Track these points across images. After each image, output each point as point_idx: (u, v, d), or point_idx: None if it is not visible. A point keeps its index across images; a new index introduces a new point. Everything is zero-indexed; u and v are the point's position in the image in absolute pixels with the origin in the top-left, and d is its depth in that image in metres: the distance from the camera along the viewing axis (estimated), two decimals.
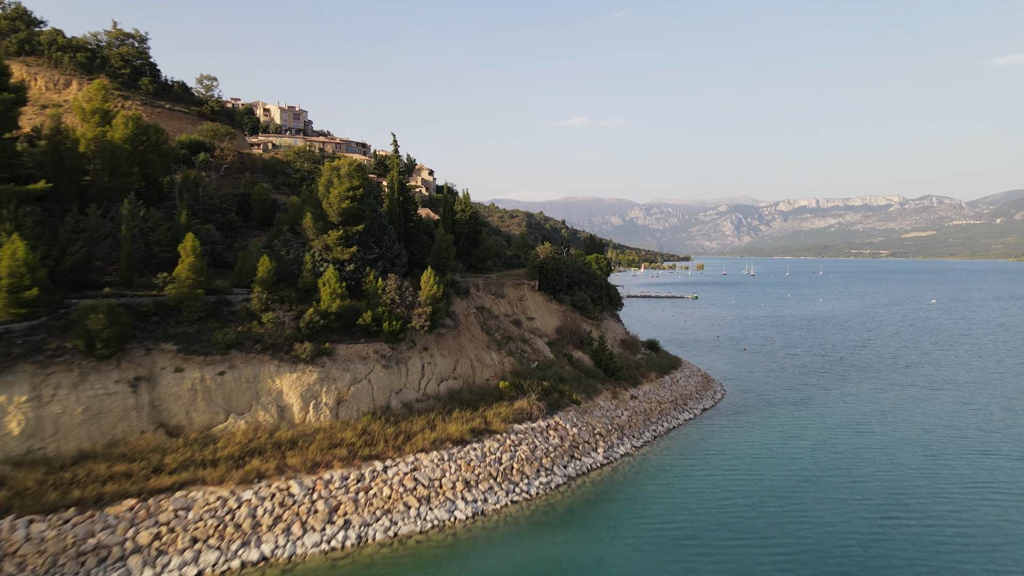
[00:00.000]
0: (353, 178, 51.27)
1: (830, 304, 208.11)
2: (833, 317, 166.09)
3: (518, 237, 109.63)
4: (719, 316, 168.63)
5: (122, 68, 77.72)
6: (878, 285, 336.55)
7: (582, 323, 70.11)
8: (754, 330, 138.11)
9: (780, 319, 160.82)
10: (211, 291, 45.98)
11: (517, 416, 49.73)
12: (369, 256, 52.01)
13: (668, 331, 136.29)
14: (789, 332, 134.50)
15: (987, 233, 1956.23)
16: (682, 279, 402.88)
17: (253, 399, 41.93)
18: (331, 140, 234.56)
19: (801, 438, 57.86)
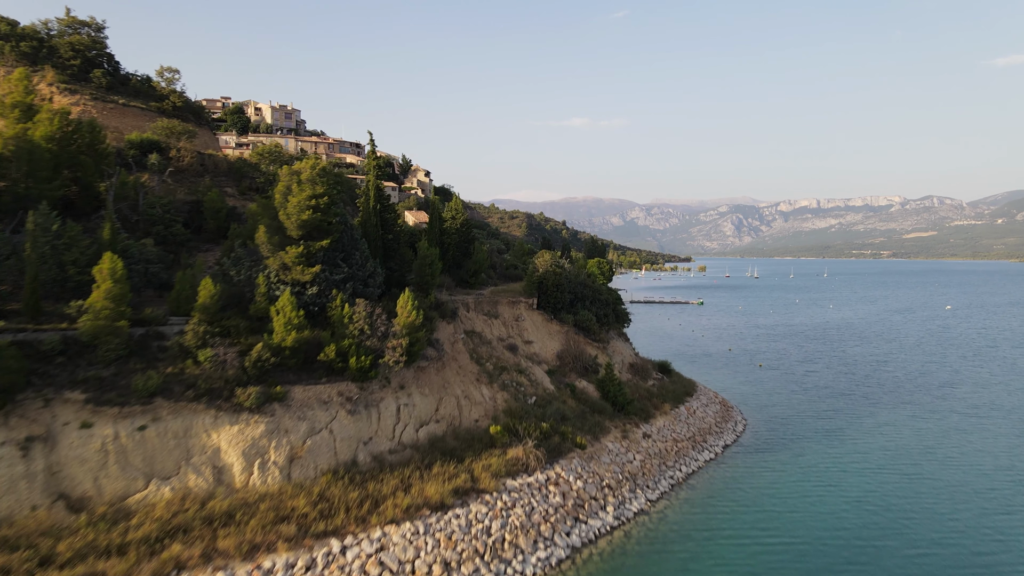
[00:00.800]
0: (317, 184, 43.16)
1: (841, 311, 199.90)
2: (847, 326, 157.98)
3: (516, 244, 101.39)
4: (728, 325, 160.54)
5: (72, 59, 69.61)
6: (886, 289, 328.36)
7: (586, 346, 62.05)
8: (767, 342, 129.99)
9: (792, 328, 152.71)
10: (139, 322, 37.91)
11: (511, 468, 41.66)
12: (336, 276, 43.88)
13: (676, 343, 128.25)
14: (804, 344, 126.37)
15: (988, 234, 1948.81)
16: (685, 282, 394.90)
17: (182, 459, 33.88)
18: (324, 140, 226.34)
19: (841, 486, 49.76)
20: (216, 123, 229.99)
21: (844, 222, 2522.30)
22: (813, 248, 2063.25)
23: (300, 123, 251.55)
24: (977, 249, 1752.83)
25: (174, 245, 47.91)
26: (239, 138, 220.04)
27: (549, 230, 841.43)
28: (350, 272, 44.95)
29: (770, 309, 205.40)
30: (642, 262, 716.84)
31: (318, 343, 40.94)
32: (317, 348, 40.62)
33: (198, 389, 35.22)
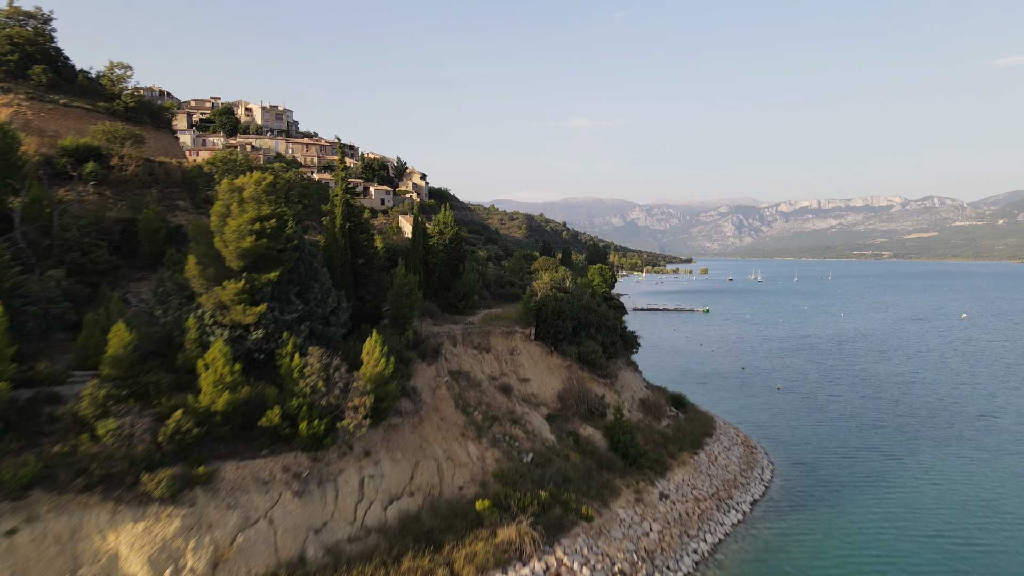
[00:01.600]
0: (263, 203, 35.05)
1: (853, 319, 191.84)
2: (862, 338, 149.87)
3: (514, 256, 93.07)
4: (736, 336, 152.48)
5: (9, 54, 61.56)
6: (894, 293, 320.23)
7: (591, 384, 53.98)
8: (781, 357, 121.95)
9: (805, 341, 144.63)
10: (26, 382, 29.86)
11: (501, 556, 33.59)
12: (287, 316, 35.76)
13: (683, 359, 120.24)
14: (821, 360, 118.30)
15: (989, 234, 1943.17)
16: (687, 285, 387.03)
17: (67, 572, 25.82)
18: (316, 142, 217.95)
19: (896, 558, 41.69)
20: (204, 124, 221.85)
21: (845, 223, 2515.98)
22: (814, 249, 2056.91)
23: (292, 124, 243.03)
24: (978, 250, 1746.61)
25: (95, 275, 39.75)
26: (229, 139, 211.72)
27: (549, 231, 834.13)
28: (306, 310, 36.82)
29: (779, 317, 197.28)
30: (643, 264, 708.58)
31: (261, 402, 32.88)
32: (260, 409, 32.56)
33: (91, 476, 27.08)
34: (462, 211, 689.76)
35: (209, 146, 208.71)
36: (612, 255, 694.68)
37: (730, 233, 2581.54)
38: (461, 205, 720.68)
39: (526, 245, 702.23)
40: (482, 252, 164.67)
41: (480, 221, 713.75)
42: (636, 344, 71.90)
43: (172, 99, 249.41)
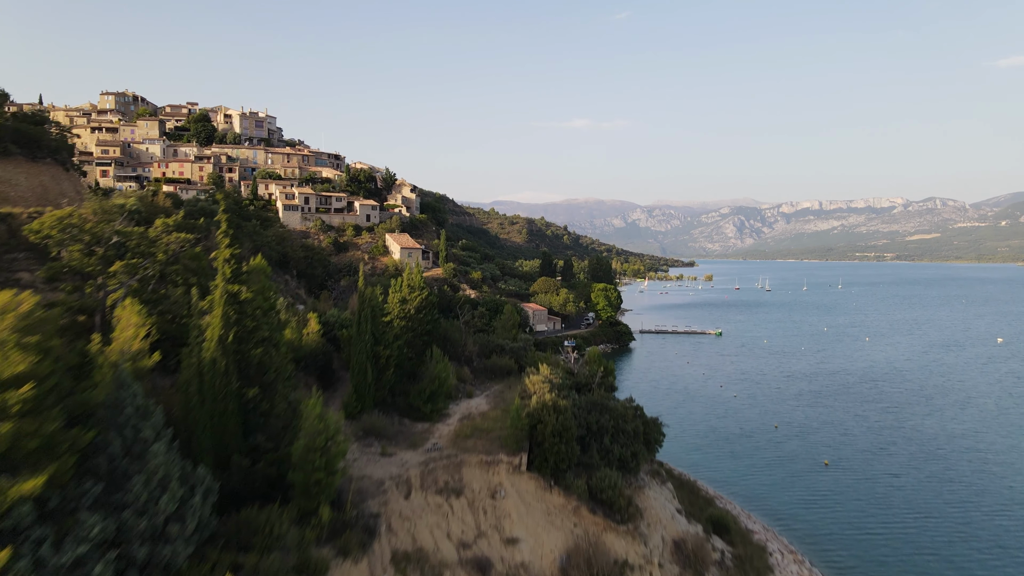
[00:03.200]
0: (18, 352, 19.16)
1: (879, 345, 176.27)
2: (898, 375, 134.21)
3: (505, 312, 76.71)
4: (757, 372, 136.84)
5: None
6: (912, 307, 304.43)
7: (606, 535, 38.14)
8: (814, 406, 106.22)
9: (835, 379, 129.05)
10: None
11: None
12: (63, 558, 19.99)
13: (702, 408, 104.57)
14: (864, 413, 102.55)
15: (992, 236, 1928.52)
16: (693, 296, 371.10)
17: None
18: (298, 152, 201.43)
19: None
20: (179, 132, 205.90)
21: (847, 224, 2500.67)
22: (816, 250, 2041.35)
23: (273, 132, 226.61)
24: (982, 252, 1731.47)
25: None
26: (204, 149, 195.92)
27: (550, 236, 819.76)
28: (112, 529, 20.97)
29: (798, 342, 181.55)
30: (645, 270, 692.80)
31: None
32: None
33: None
34: (460, 216, 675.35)
35: (180, 157, 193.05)
36: (614, 261, 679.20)
37: (731, 234, 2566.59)
38: (459, 210, 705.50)
39: (526, 250, 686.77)
40: (470, 292, 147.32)
41: (479, 226, 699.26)
42: (661, 437, 55.82)
43: (146, 105, 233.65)
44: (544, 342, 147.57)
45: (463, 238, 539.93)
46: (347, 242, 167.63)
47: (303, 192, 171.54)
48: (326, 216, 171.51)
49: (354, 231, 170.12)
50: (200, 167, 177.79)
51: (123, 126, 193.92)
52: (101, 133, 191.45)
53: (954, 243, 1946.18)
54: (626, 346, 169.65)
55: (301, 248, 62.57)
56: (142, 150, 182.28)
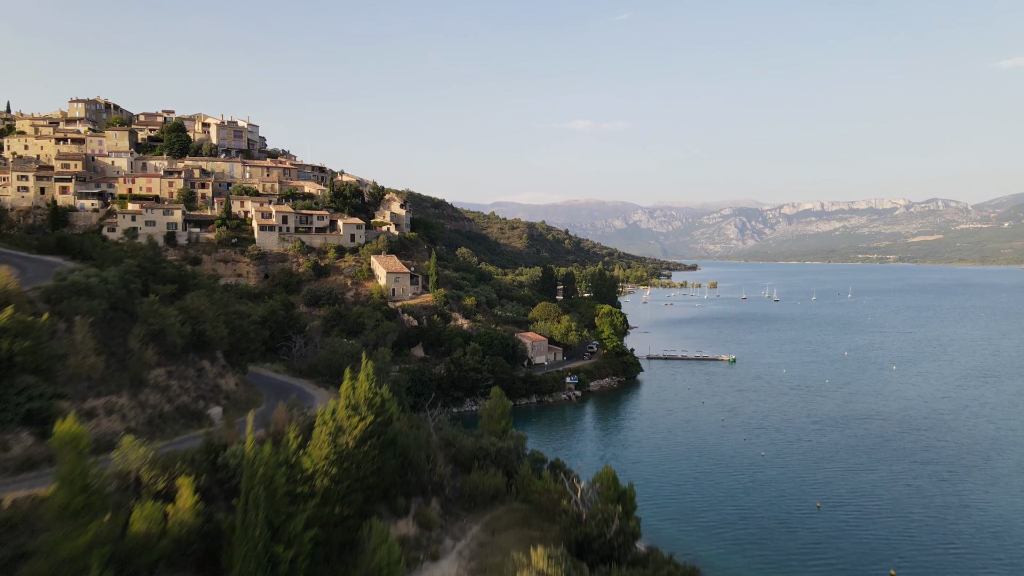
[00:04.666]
0: None
1: (909, 377, 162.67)
2: (938, 419, 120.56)
3: (492, 398, 62.04)
4: (780, 414, 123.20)
5: None
6: (931, 322, 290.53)
7: None
8: (855, 470, 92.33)
9: (870, 427, 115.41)
10: None
11: None
12: None
13: (725, 470, 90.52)
14: (917, 482, 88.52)
15: (995, 237, 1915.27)
16: (700, 309, 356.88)
17: None
18: (278, 164, 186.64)
19: None
20: (153, 142, 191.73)
21: (848, 225, 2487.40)
22: (818, 252, 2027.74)
23: (255, 142, 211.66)
24: (985, 254, 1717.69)
25: None
26: (176, 162, 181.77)
27: (551, 240, 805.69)
28: None
29: (820, 372, 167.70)
30: (648, 275, 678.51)
31: None
32: None
33: None
34: (459, 222, 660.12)
35: (149, 171, 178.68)
36: (616, 267, 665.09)
37: (733, 235, 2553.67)
38: (458, 215, 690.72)
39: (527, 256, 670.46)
40: (462, 322, 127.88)
41: (478, 232, 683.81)
42: None
43: (119, 113, 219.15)
44: (544, 379, 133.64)
45: (462, 244, 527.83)
46: (328, 265, 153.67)
47: (281, 210, 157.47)
48: (306, 236, 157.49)
49: (337, 253, 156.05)
50: (170, 182, 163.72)
51: (91, 136, 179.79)
52: (66, 144, 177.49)
53: (957, 245, 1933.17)
54: (633, 379, 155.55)
55: (227, 318, 48.34)
56: (107, 163, 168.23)
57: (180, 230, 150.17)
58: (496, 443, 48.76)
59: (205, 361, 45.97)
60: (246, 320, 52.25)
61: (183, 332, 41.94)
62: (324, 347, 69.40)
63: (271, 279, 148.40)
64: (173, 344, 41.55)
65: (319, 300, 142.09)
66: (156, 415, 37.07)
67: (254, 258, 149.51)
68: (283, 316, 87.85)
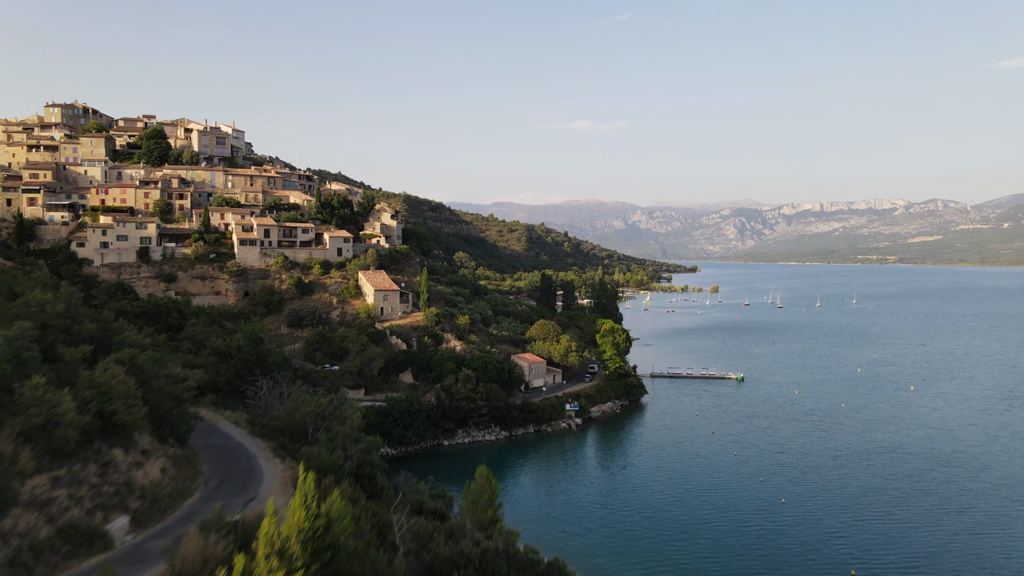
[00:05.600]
0: None
1: (929, 399, 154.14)
2: (967, 453, 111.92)
3: (475, 483, 52.85)
4: (797, 447, 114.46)
5: None
6: (941, 332, 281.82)
7: None
8: (884, 519, 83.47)
9: (896, 464, 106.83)
10: None
11: None
12: None
13: (743, 521, 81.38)
14: (960, 538, 79.55)
15: (995, 238, 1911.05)
16: (703, 316, 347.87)
17: None
18: (262, 173, 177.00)
19: None
20: (130, 150, 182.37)
21: (848, 226, 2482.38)
22: (818, 252, 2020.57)
23: (239, 149, 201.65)
24: (985, 254, 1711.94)
25: None
26: (155, 171, 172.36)
27: (550, 243, 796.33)
28: None
29: (834, 393, 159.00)
30: (648, 278, 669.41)
31: None
32: None
33: None
34: (457, 225, 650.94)
35: (124, 181, 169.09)
36: (616, 271, 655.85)
37: (732, 236, 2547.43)
38: (456, 218, 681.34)
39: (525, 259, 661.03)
40: (455, 343, 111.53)
41: (476, 235, 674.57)
42: None
43: (98, 118, 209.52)
44: (542, 407, 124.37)
45: (460, 248, 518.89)
46: (313, 282, 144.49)
47: (263, 223, 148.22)
48: (290, 251, 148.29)
49: (322, 268, 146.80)
50: (146, 193, 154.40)
51: (65, 144, 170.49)
52: (38, 152, 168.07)
53: (956, 245, 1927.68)
54: (637, 401, 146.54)
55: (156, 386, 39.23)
56: (80, 173, 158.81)
57: (154, 245, 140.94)
58: (481, 543, 39.81)
59: (116, 450, 36.85)
60: (180, 386, 43.04)
61: (77, 422, 32.80)
62: (290, 395, 60.25)
63: (251, 297, 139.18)
64: (64, 438, 32.43)
65: (302, 320, 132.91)
66: (25, 547, 27.96)
67: (233, 275, 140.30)
68: (250, 354, 78.71)
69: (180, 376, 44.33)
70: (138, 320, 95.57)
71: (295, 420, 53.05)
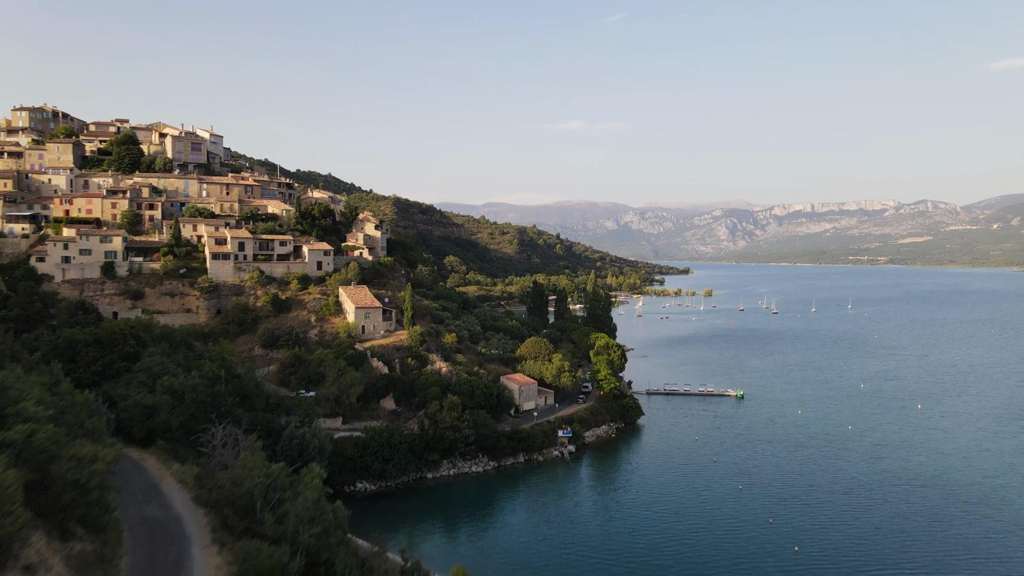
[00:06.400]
0: None
1: (938, 420, 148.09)
2: (986, 483, 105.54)
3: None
4: (804, 482, 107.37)
5: None
6: (941, 340, 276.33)
7: None
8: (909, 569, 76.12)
9: (915, 501, 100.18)
10: None
11: None
12: None
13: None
14: None
15: (984, 239, 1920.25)
16: (697, 324, 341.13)
17: None
18: (238, 181, 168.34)
19: None
20: (100, 156, 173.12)
21: (839, 226, 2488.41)
22: (809, 253, 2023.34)
23: (216, 155, 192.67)
24: (975, 255, 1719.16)
25: None
26: (125, 179, 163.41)
27: (542, 245, 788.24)
28: None
29: (839, 413, 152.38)
30: (640, 281, 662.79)
31: None
32: None
33: None
34: (448, 228, 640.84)
35: (92, 190, 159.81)
36: (609, 275, 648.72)
37: (724, 237, 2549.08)
38: (447, 221, 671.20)
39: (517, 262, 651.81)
40: (440, 364, 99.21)
41: (467, 237, 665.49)
42: None
43: (68, 122, 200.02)
44: (533, 434, 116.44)
45: (450, 252, 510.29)
46: (290, 299, 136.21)
47: (237, 235, 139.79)
48: (266, 265, 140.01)
49: (300, 284, 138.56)
50: (113, 203, 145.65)
51: (31, 150, 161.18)
52: (1, 159, 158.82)
53: (946, 246, 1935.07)
54: (633, 423, 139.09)
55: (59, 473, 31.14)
56: (43, 181, 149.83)
57: (120, 259, 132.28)
58: None
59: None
60: (88, 471, 35.14)
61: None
62: (241, 456, 52.36)
63: (223, 316, 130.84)
64: None
65: (277, 341, 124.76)
66: None
67: (205, 291, 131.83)
68: (205, 394, 70.54)
69: (88, 456, 36.30)
70: (90, 349, 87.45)
71: (241, 493, 45.07)
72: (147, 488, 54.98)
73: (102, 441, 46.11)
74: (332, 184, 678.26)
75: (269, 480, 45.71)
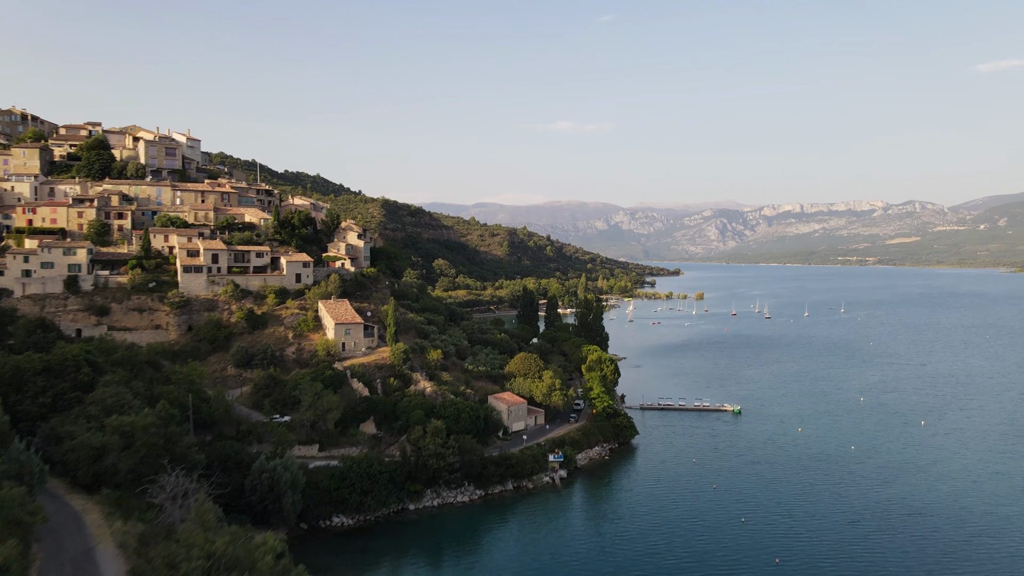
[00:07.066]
0: None
1: (943, 438, 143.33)
2: (1008, 522, 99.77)
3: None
4: (807, 506, 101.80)
5: None
6: (937, 347, 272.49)
7: None
8: None
9: (921, 525, 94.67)
10: None
11: None
12: None
13: None
14: None
15: (971, 239, 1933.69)
16: (690, 329, 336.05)
17: None
18: (214, 188, 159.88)
19: None
20: (69, 162, 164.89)
21: (828, 227, 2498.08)
22: (798, 254, 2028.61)
23: (192, 160, 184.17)
24: (962, 256, 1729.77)
25: None
26: (94, 186, 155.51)
27: (532, 247, 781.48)
28: None
29: (840, 431, 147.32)
30: (631, 284, 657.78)
31: None
32: None
33: None
34: (437, 230, 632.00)
35: (58, 197, 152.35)
36: (599, 278, 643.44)
37: (714, 237, 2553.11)
38: (436, 223, 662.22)
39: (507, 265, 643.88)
40: (424, 384, 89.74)
41: (457, 240, 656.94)
42: None
43: (39, 125, 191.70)
44: (522, 459, 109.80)
45: (439, 255, 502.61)
46: (267, 314, 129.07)
47: (211, 247, 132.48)
48: (242, 278, 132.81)
49: (277, 298, 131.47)
50: (80, 212, 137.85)
51: None
52: None
53: (934, 247, 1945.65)
54: (627, 443, 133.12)
55: None
56: (6, 189, 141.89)
57: (85, 273, 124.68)
58: None
59: None
60: None
61: None
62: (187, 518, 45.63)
63: (195, 332, 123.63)
64: None
65: (252, 360, 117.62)
66: None
67: (176, 306, 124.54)
68: (156, 437, 63.59)
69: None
70: (39, 378, 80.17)
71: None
72: (79, 557, 48.14)
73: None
74: (320, 185, 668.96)
75: (210, 563, 39.01)
